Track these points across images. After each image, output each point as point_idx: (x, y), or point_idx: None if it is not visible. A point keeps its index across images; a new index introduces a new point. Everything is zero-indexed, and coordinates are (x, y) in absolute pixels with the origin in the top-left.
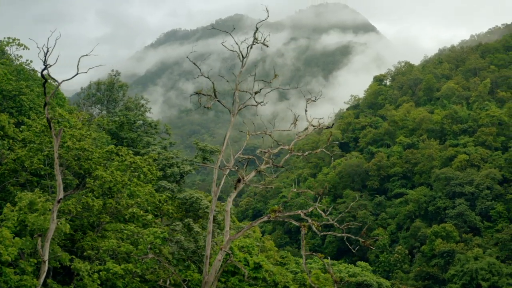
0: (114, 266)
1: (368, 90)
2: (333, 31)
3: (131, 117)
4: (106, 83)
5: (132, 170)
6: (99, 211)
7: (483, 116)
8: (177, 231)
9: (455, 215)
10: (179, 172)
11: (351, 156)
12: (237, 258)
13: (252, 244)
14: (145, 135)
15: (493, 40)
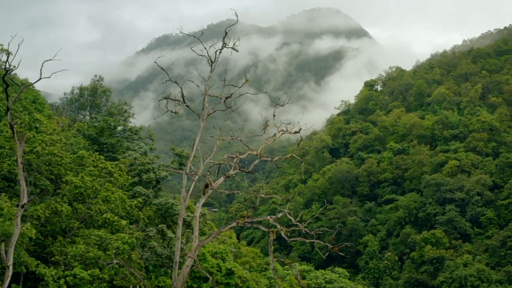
0: (81, 271)
1: (359, 96)
2: (326, 36)
3: (111, 122)
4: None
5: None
6: (68, 216)
7: (474, 121)
8: (151, 237)
9: (445, 221)
10: (155, 178)
11: (341, 162)
12: (210, 264)
13: (226, 250)
14: (125, 141)
15: (485, 45)
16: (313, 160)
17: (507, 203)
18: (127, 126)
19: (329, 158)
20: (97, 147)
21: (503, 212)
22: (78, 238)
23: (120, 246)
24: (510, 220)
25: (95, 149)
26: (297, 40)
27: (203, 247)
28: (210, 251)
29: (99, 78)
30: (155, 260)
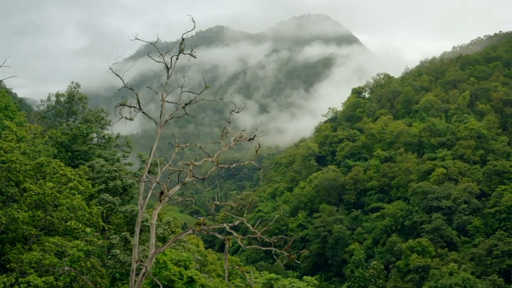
0: (35, 279)
1: (346, 103)
2: (316, 42)
3: (84, 129)
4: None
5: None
6: (26, 223)
7: (461, 129)
8: (114, 244)
9: (431, 229)
10: (121, 185)
11: (328, 170)
12: (171, 272)
13: (189, 258)
14: (97, 148)
15: (475, 51)
16: (300, 168)
17: (494, 211)
18: (100, 133)
19: (316, 165)
20: (71, 155)
21: (490, 220)
22: (34, 245)
23: (75, 253)
24: (497, 228)
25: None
26: (286, 47)
27: (164, 254)
28: (173, 259)
29: (76, 85)
30: (120, 268)
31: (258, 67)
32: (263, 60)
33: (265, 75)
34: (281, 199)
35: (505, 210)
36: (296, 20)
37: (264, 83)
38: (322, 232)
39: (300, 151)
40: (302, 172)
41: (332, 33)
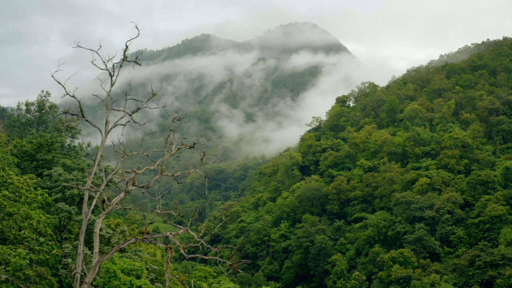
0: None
1: (330, 112)
2: (303, 51)
3: (48, 138)
4: (35, 104)
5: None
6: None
7: (446, 138)
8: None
9: (414, 240)
10: (78, 194)
11: (311, 180)
12: (121, 281)
13: (142, 267)
14: (61, 157)
15: (461, 60)
16: (283, 178)
17: (478, 222)
18: (64, 142)
19: (299, 175)
20: (36, 163)
21: (473, 230)
22: None
23: (18, 262)
24: (481, 239)
25: (34, 166)
26: (273, 55)
27: (114, 264)
28: (125, 268)
29: (46, 94)
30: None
31: (244, 75)
32: (249, 68)
33: (252, 84)
34: (264, 209)
35: (489, 221)
36: (283, 28)
37: (251, 92)
38: (305, 242)
39: (283, 160)
40: (285, 182)
41: (319, 42)
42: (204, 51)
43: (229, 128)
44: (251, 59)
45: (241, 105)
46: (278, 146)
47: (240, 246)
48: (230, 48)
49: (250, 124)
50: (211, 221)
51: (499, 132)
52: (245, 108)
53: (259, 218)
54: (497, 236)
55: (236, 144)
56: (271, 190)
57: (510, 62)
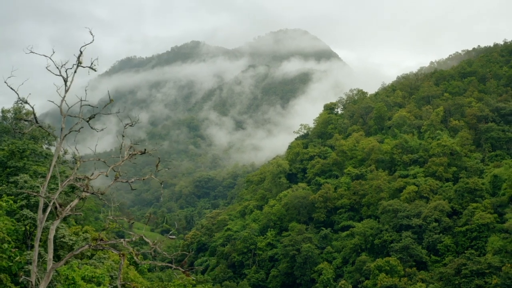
0: None
1: (318, 119)
2: (294, 58)
3: (20, 145)
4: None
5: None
6: None
7: (434, 145)
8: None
9: (400, 248)
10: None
11: (298, 188)
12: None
13: (103, 274)
14: (33, 164)
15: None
16: (270, 186)
17: (465, 230)
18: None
19: (286, 183)
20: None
21: (461, 239)
22: None
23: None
24: (468, 247)
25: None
26: (264, 62)
27: (73, 271)
28: (86, 275)
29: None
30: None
31: (234, 82)
32: (239, 75)
33: (242, 91)
34: (251, 218)
35: (476, 229)
36: (273, 35)
37: (241, 99)
38: (291, 251)
39: (270, 168)
40: (272, 190)
41: (310, 48)
42: (194, 58)
43: (218, 136)
44: (241, 66)
45: (231, 112)
46: (268, 154)
47: (228, 255)
48: (220, 55)
49: (240, 132)
50: (198, 230)
51: (487, 140)
52: (235, 115)
53: (245, 226)
54: (484, 245)
55: (225, 152)
56: (258, 198)
57: (500, 69)
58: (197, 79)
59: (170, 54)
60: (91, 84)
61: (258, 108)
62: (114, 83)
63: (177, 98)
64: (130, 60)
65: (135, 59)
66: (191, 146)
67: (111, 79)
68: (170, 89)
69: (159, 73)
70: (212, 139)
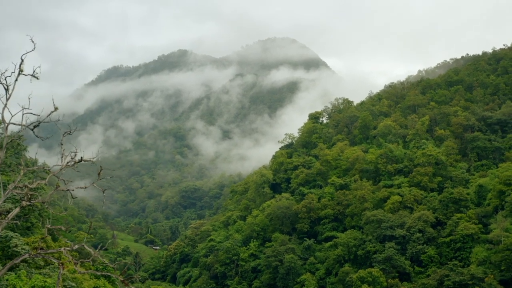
0: None
1: (303, 128)
2: (282, 66)
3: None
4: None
5: None
6: None
7: (419, 155)
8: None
9: (383, 259)
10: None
11: (281, 198)
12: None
13: (53, 284)
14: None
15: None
16: (254, 196)
17: (449, 241)
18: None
19: (270, 193)
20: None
21: (444, 250)
22: None
23: None
24: (452, 258)
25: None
26: (252, 71)
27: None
28: (36, 285)
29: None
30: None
31: (222, 91)
32: (227, 84)
33: (229, 100)
34: (234, 228)
35: (460, 240)
36: (261, 43)
37: (228, 108)
38: (273, 262)
39: (254, 178)
40: (256, 200)
41: (298, 57)
42: (181, 67)
43: (205, 146)
44: (229, 75)
45: (218, 121)
46: (255, 163)
47: (210, 266)
48: (207, 64)
49: (227, 141)
50: (182, 240)
51: (473, 149)
52: (222, 125)
53: (229, 237)
54: (468, 256)
55: (212, 162)
56: (242, 208)
57: (487, 77)
58: (185, 88)
59: (157, 63)
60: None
61: (246, 118)
62: (101, 92)
63: (164, 107)
64: (117, 69)
65: (121, 68)
66: (178, 156)
67: (97, 88)
68: (157, 98)
69: (146, 82)
70: (199, 149)
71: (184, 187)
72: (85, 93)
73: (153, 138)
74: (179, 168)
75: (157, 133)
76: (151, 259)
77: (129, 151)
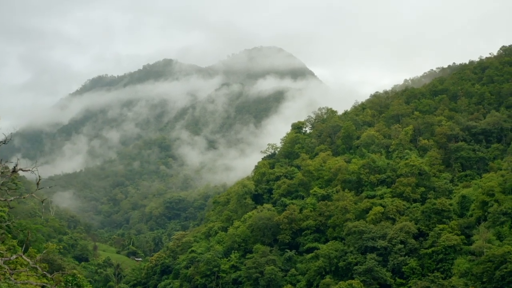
0: None
1: (286, 139)
2: (269, 75)
3: None
4: None
5: None
6: None
7: (402, 165)
8: None
9: (364, 271)
10: None
11: (262, 209)
12: None
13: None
14: None
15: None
16: (235, 207)
17: (431, 252)
18: None
19: (252, 204)
20: None
21: (426, 261)
22: None
23: None
24: (434, 270)
25: None
26: (238, 81)
27: None
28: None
29: None
30: None
31: (207, 101)
32: (213, 94)
33: (215, 110)
34: (215, 239)
35: (442, 251)
36: (247, 52)
37: (214, 118)
38: (254, 273)
39: (236, 189)
40: (238, 211)
41: (284, 66)
42: (166, 76)
43: (190, 156)
44: (214, 85)
45: (203, 131)
46: (240, 174)
47: (191, 278)
48: (193, 73)
49: (212, 152)
50: (163, 252)
51: (457, 159)
52: (207, 135)
53: (210, 248)
54: (450, 267)
55: (197, 172)
56: (223, 219)
57: (472, 87)
58: (170, 98)
59: (142, 72)
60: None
61: (231, 127)
62: (85, 102)
63: (149, 117)
64: (102, 78)
65: (106, 78)
66: (163, 167)
67: (82, 98)
68: (142, 108)
69: (131, 91)
70: (184, 159)
71: (169, 198)
72: (69, 103)
73: (137, 148)
74: (164, 178)
75: (142, 143)
76: (132, 270)
77: (113, 161)
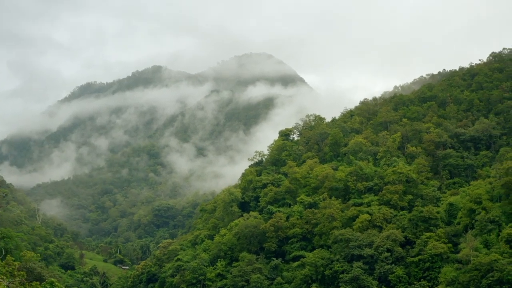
0: None
1: (273, 146)
2: (259, 82)
3: None
4: None
5: None
6: None
7: (389, 173)
8: None
9: (350, 279)
10: None
11: (249, 216)
12: None
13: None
14: None
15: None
16: (222, 215)
17: (418, 260)
18: None
19: (239, 212)
20: None
21: (413, 269)
22: None
23: None
24: (420, 278)
25: None
26: (228, 87)
27: None
28: None
29: None
30: None
31: (197, 108)
32: (202, 101)
33: (204, 117)
34: (201, 247)
35: (429, 259)
36: (237, 59)
37: (203, 125)
38: (240, 282)
39: (222, 196)
40: (224, 219)
41: (275, 73)
42: (155, 83)
43: (179, 163)
44: (204, 91)
45: (193, 139)
46: (229, 181)
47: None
48: (183, 80)
49: (201, 159)
50: (150, 260)
51: (445, 167)
52: (197, 142)
53: (196, 256)
54: (437, 276)
55: (186, 180)
56: (210, 227)
57: (461, 93)
58: (159, 105)
59: (131, 79)
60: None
61: (221, 135)
62: (74, 109)
63: (138, 124)
64: (90, 85)
65: (95, 85)
66: (151, 174)
67: (71, 104)
68: (131, 115)
69: (120, 98)
70: (172, 166)
71: (157, 206)
72: (58, 110)
73: (126, 156)
74: (153, 186)
75: (130, 151)
76: (118, 279)
77: (102, 168)
